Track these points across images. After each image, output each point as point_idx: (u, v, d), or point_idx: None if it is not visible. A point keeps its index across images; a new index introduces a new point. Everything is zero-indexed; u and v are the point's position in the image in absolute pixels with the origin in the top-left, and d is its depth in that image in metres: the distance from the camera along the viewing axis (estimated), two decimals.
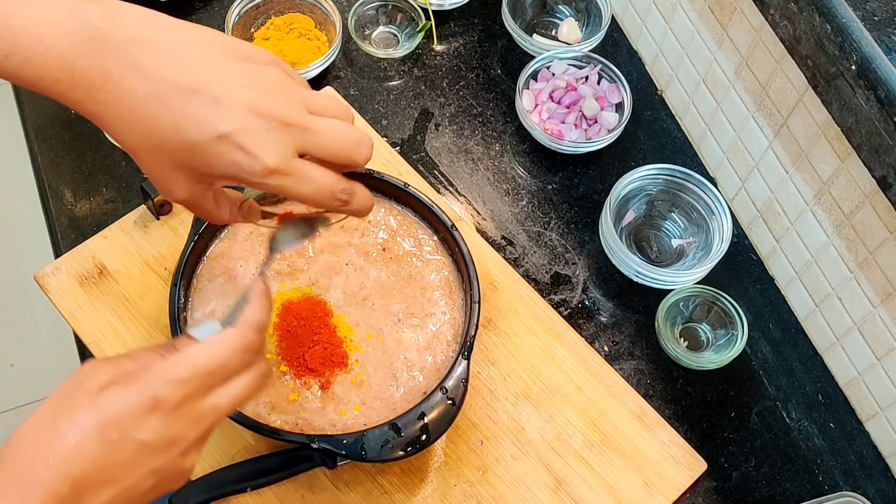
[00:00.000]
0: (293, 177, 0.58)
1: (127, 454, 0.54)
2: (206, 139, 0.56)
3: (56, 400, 0.55)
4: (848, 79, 0.73)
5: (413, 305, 0.86)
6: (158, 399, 0.55)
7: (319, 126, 0.59)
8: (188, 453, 0.58)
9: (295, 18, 1.10)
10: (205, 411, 0.58)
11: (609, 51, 1.13)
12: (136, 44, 0.56)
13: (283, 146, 0.57)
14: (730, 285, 0.98)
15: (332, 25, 1.08)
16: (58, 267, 0.92)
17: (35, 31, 0.55)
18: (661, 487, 0.86)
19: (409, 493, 0.83)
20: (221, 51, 0.58)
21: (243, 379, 0.60)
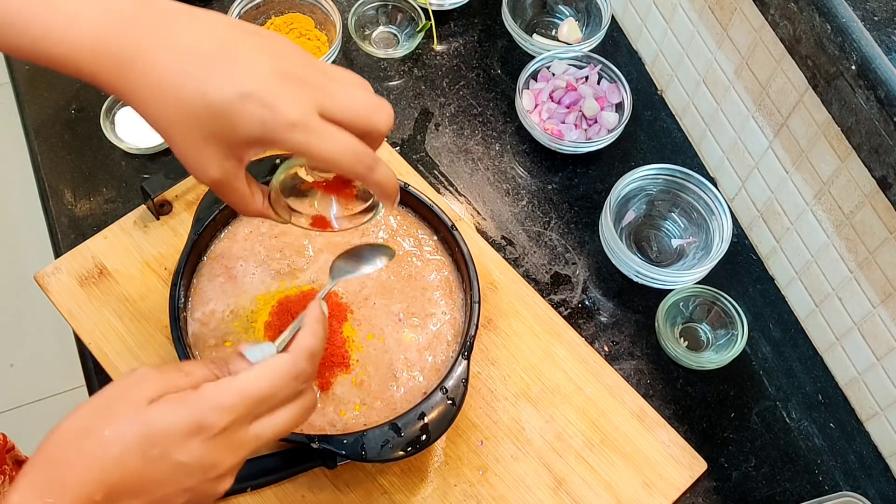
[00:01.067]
0: (316, 133, 0.58)
1: (164, 472, 0.55)
2: (231, 99, 0.57)
3: (101, 403, 0.56)
4: (848, 79, 0.73)
5: (413, 305, 0.86)
6: (203, 424, 0.56)
7: (338, 89, 0.60)
8: (223, 478, 0.59)
9: (295, 18, 1.10)
10: (247, 439, 0.58)
11: (609, 51, 1.13)
12: (163, 23, 0.58)
13: (304, 101, 0.58)
14: (730, 285, 0.98)
15: (332, 25, 1.08)
16: (58, 267, 0.92)
17: (72, 10, 0.56)
18: (661, 487, 0.86)
19: (409, 493, 0.83)
20: (243, 28, 0.60)
21: (290, 409, 0.60)
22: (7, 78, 1.08)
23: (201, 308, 0.84)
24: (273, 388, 0.59)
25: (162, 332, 0.89)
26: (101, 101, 1.02)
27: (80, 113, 1.04)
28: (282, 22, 1.10)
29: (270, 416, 0.59)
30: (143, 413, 0.55)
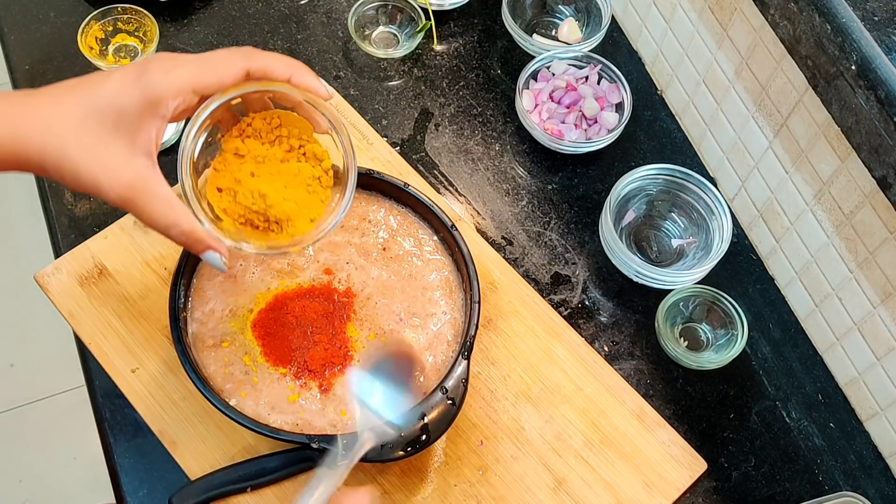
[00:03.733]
0: (244, 51, 0.66)
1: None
2: (131, 69, 0.62)
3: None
4: (848, 79, 0.73)
5: (414, 305, 0.86)
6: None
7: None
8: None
9: (285, 118, 0.73)
10: None
11: (609, 51, 1.13)
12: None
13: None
14: (730, 285, 0.98)
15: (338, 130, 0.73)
16: (58, 267, 0.92)
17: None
18: (661, 487, 0.86)
19: (409, 493, 0.83)
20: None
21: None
22: (7, 78, 1.09)
23: (201, 308, 0.84)
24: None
25: (162, 332, 0.89)
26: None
27: None
28: (263, 124, 0.73)
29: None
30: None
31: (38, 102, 0.61)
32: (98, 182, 0.60)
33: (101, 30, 1.07)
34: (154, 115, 0.62)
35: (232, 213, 0.71)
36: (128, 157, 0.61)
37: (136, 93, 0.62)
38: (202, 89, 0.64)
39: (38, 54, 1.09)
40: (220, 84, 0.64)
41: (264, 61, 0.66)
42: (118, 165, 0.60)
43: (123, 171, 0.60)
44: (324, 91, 0.69)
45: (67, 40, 1.09)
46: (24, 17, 1.12)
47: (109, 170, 0.60)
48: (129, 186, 0.61)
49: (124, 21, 1.08)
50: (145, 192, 0.61)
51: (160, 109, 0.62)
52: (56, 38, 1.10)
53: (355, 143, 1.01)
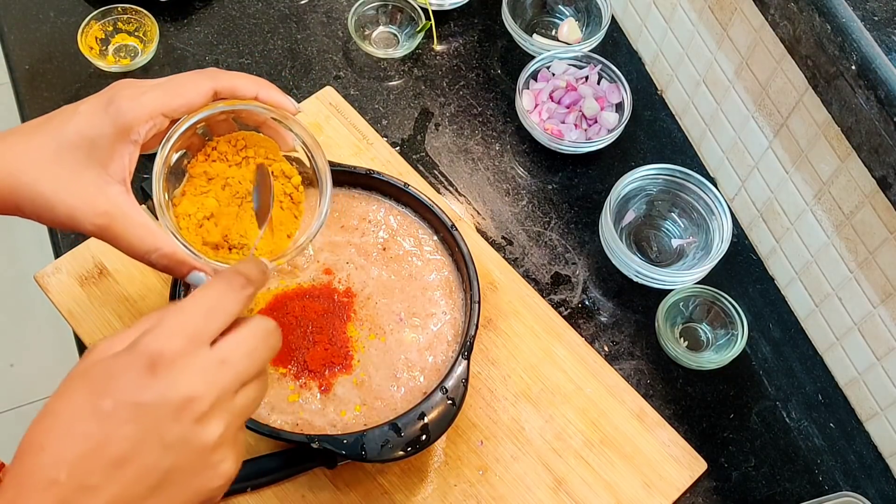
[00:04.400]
0: (212, 72, 0.67)
1: (128, 425, 0.47)
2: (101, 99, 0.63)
3: (54, 393, 0.50)
4: (848, 79, 0.73)
5: (414, 305, 0.86)
6: (153, 353, 0.48)
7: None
8: (206, 421, 0.49)
9: (250, 139, 0.71)
10: (209, 364, 0.49)
11: (609, 51, 1.13)
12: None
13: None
14: (730, 285, 0.98)
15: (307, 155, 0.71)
16: (58, 267, 0.92)
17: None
18: (661, 487, 0.86)
19: (409, 493, 0.83)
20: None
21: (246, 330, 0.53)
22: (7, 78, 1.09)
23: None
24: (212, 299, 0.52)
25: None
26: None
27: None
28: (228, 147, 0.72)
29: (229, 333, 0.52)
30: (87, 371, 0.48)
31: (9, 143, 0.61)
32: (73, 214, 0.60)
33: (101, 30, 1.07)
34: (126, 142, 0.62)
35: (208, 240, 0.70)
36: (102, 186, 0.61)
37: (106, 122, 0.62)
38: (171, 112, 0.64)
39: (38, 54, 1.09)
40: (189, 106, 0.64)
41: (231, 80, 0.66)
42: (93, 195, 0.60)
43: (98, 201, 0.60)
44: (291, 106, 0.69)
45: (67, 40, 1.09)
46: (24, 17, 1.12)
47: (84, 200, 0.60)
48: (105, 214, 0.61)
49: (124, 21, 1.08)
50: (122, 220, 0.61)
51: (132, 135, 0.62)
52: (56, 38, 1.10)
53: (355, 143, 1.01)
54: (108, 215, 0.61)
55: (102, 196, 0.61)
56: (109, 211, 0.61)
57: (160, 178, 0.66)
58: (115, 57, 1.08)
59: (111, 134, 0.62)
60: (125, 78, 0.67)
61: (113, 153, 0.62)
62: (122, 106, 0.62)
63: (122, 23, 1.08)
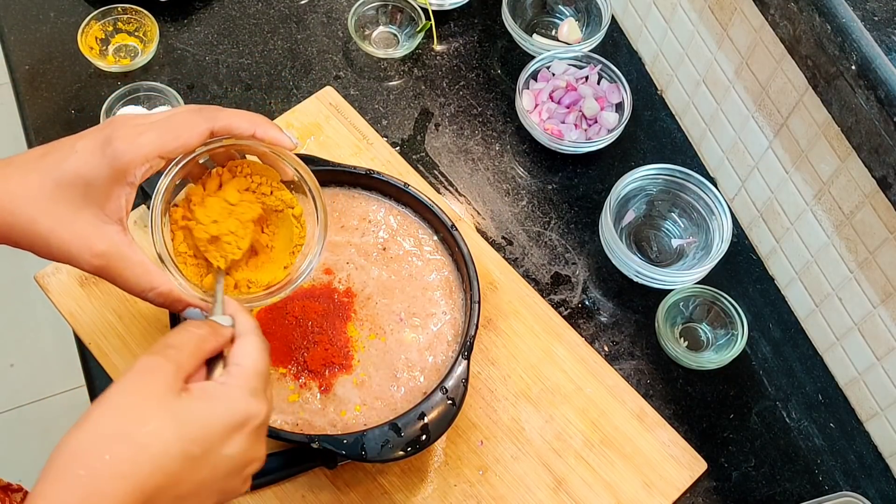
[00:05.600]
0: (209, 110, 0.67)
1: (204, 471, 0.52)
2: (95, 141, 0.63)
3: (119, 404, 0.52)
4: (848, 79, 0.73)
5: (414, 305, 0.86)
6: (247, 417, 0.54)
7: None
8: (250, 477, 0.57)
9: (253, 167, 0.72)
10: (265, 427, 0.57)
11: (609, 51, 1.13)
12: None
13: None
14: (730, 285, 0.98)
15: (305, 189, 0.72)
16: (58, 267, 0.92)
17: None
18: (661, 487, 0.86)
19: (409, 493, 0.83)
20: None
21: (270, 384, 0.61)
22: (7, 78, 1.08)
23: None
24: (268, 360, 0.58)
25: (162, 332, 0.89)
26: (101, 101, 1.02)
27: (80, 113, 1.04)
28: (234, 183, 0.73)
29: (268, 391, 0.59)
30: (177, 407, 0.52)
31: (5, 175, 0.61)
32: (70, 252, 0.61)
33: (101, 30, 1.07)
34: (122, 184, 0.63)
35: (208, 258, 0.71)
36: (99, 226, 0.62)
37: (103, 163, 0.62)
38: (168, 154, 0.64)
39: (38, 54, 1.09)
40: (185, 147, 0.65)
41: (227, 120, 0.66)
42: (90, 235, 0.61)
43: (96, 241, 0.62)
44: (288, 142, 0.69)
45: (67, 40, 1.09)
46: (24, 17, 1.12)
47: (81, 240, 0.61)
48: (103, 255, 0.62)
49: (124, 21, 1.08)
50: (120, 259, 0.62)
51: (128, 177, 0.63)
52: (56, 38, 1.10)
53: (355, 143, 1.01)
54: (106, 256, 0.62)
55: (100, 236, 0.62)
56: (107, 251, 0.62)
57: (159, 216, 0.67)
58: (115, 57, 1.08)
59: (108, 175, 0.62)
60: (124, 81, 0.67)
61: (110, 194, 0.63)
62: (119, 148, 0.62)
63: (122, 23, 1.08)
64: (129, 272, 0.63)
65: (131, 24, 1.08)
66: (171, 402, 0.52)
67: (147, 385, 0.53)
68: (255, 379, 0.56)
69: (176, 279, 0.66)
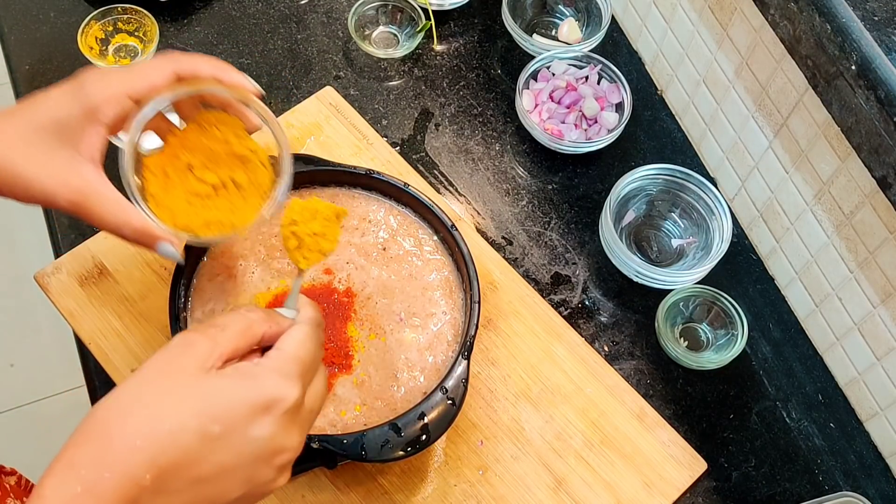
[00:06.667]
0: (174, 56, 0.70)
1: (227, 454, 0.49)
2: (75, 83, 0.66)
3: (148, 375, 0.51)
4: (848, 79, 0.73)
5: (414, 305, 0.86)
6: (274, 399, 0.51)
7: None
8: (285, 469, 0.53)
9: (219, 118, 0.75)
10: (305, 413, 0.54)
11: (609, 51, 1.13)
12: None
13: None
14: (730, 285, 0.98)
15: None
16: (58, 267, 0.92)
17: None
18: (661, 487, 0.86)
19: (409, 493, 0.83)
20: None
21: (321, 377, 0.57)
22: (7, 78, 1.08)
23: (201, 308, 0.84)
24: (317, 348, 0.57)
25: (162, 332, 0.89)
26: None
27: None
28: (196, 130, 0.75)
29: (315, 382, 0.56)
30: (202, 383, 0.50)
31: None
32: (47, 191, 0.64)
33: (101, 30, 1.07)
34: (94, 123, 0.66)
35: (181, 193, 0.74)
36: (74, 165, 0.65)
37: (75, 105, 0.66)
38: (135, 93, 0.68)
39: (38, 54, 1.09)
40: (153, 87, 0.68)
41: (190, 63, 0.70)
42: (66, 173, 0.64)
43: (72, 178, 0.64)
44: (251, 86, 0.73)
45: (67, 40, 1.09)
46: (24, 17, 1.12)
47: (58, 178, 0.64)
48: (79, 191, 0.65)
49: (124, 21, 1.08)
50: (95, 196, 0.65)
51: (99, 116, 0.66)
52: (56, 38, 1.10)
53: (355, 143, 1.01)
54: (82, 192, 0.65)
55: (75, 174, 0.65)
56: (82, 188, 0.65)
57: (131, 156, 0.69)
58: (115, 57, 1.08)
59: (80, 116, 0.66)
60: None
61: (83, 134, 0.66)
62: (89, 89, 0.66)
63: (122, 23, 1.08)
64: (104, 208, 0.66)
65: (131, 24, 1.08)
66: (198, 377, 0.50)
67: (178, 359, 0.51)
68: (293, 363, 0.53)
69: (149, 215, 0.69)
